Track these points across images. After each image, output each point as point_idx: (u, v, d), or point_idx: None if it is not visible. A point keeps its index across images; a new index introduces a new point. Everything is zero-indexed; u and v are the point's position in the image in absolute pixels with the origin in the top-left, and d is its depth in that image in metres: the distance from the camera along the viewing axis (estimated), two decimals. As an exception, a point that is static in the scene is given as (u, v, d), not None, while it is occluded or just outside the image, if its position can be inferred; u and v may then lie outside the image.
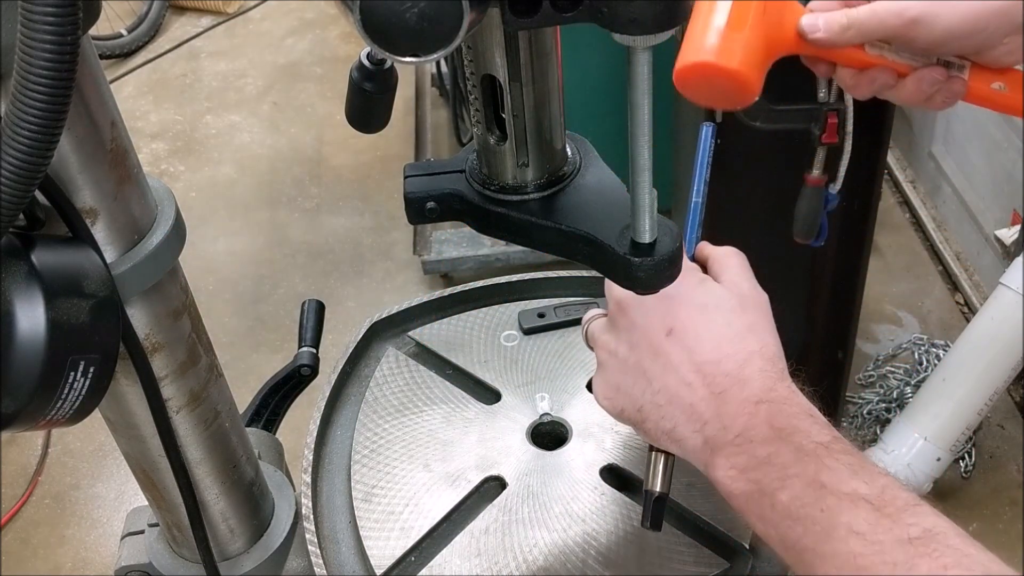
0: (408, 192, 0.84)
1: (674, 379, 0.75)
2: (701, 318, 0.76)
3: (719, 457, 0.71)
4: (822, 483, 0.64)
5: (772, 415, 0.70)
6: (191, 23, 4.65)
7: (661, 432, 0.76)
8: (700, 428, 0.73)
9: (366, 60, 0.83)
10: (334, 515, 0.92)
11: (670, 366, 0.75)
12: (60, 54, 0.52)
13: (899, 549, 0.60)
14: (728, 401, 0.72)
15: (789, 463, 0.67)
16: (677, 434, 0.74)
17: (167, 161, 3.76)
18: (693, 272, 0.80)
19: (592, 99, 2.57)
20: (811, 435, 0.68)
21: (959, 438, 2.11)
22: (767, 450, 0.68)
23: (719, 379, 0.73)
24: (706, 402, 0.73)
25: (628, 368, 0.78)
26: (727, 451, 0.70)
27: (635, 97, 0.66)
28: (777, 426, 0.69)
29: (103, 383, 0.65)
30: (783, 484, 0.66)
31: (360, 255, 3.23)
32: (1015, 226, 2.51)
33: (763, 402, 0.71)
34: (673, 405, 0.75)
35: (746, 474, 0.69)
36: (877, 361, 2.64)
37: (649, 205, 0.71)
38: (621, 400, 0.78)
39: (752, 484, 0.68)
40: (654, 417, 0.76)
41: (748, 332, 0.76)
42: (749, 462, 0.69)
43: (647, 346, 0.76)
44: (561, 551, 0.85)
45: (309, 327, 1.21)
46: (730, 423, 0.71)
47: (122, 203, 0.69)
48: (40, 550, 2.46)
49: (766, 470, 0.67)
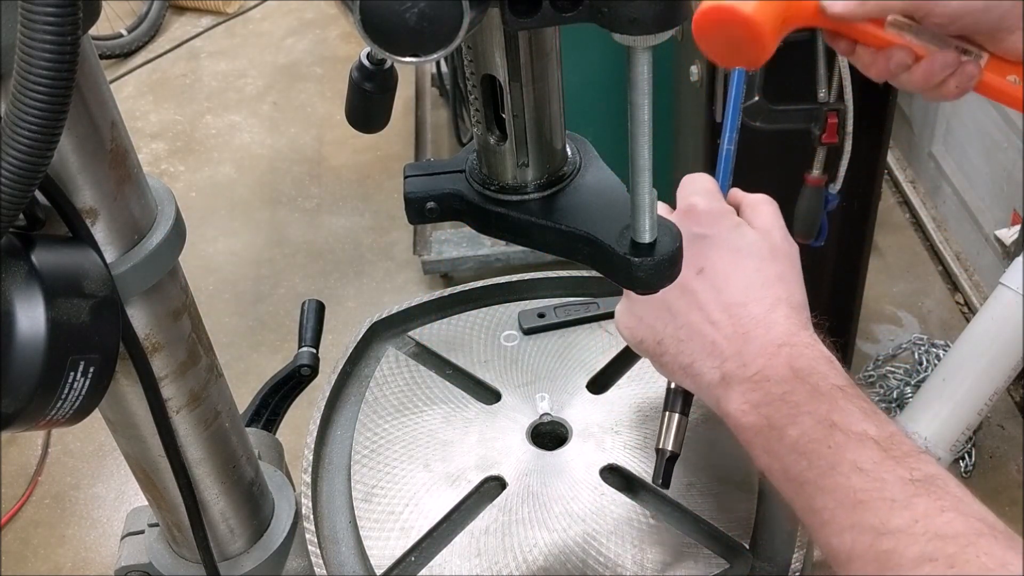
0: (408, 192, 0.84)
1: (699, 316, 0.77)
2: (733, 261, 0.78)
3: (734, 392, 0.73)
4: (833, 422, 0.66)
5: (793, 357, 0.72)
6: (191, 23, 4.65)
7: (678, 366, 0.78)
8: (719, 364, 0.75)
9: (366, 60, 0.83)
10: (334, 515, 0.92)
11: (696, 303, 0.77)
12: (60, 54, 0.52)
13: (899, 487, 0.62)
14: (751, 341, 0.74)
15: (803, 401, 0.69)
16: (694, 369, 0.76)
17: (167, 161, 3.76)
18: (728, 215, 0.82)
19: (592, 99, 2.57)
20: (828, 377, 0.70)
21: (959, 438, 2.11)
22: (783, 388, 0.70)
23: (745, 320, 0.75)
24: (729, 340, 0.75)
25: (654, 301, 0.79)
26: (743, 387, 0.72)
27: (635, 97, 0.66)
28: (796, 367, 0.71)
29: (103, 383, 0.65)
30: (794, 420, 0.68)
31: (360, 255, 3.23)
32: (1015, 226, 2.51)
33: (785, 345, 0.73)
34: (694, 341, 0.77)
35: (758, 409, 0.71)
36: (877, 361, 2.64)
37: (649, 205, 0.71)
38: (642, 331, 0.80)
39: (762, 418, 0.70)
40: (673, 351, 0.78)
41: (777, 280, 0.77)
42: (763, 398, 0.71)
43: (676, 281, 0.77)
44: (561, 551, 0.85)
45: (309, 327, 1.21)
46: (750, 361, 0.73)
47: (122, 203, 0.69)
48: (40, 550, 2.46)
49: (778, 406, 0.70)
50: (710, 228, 0.80)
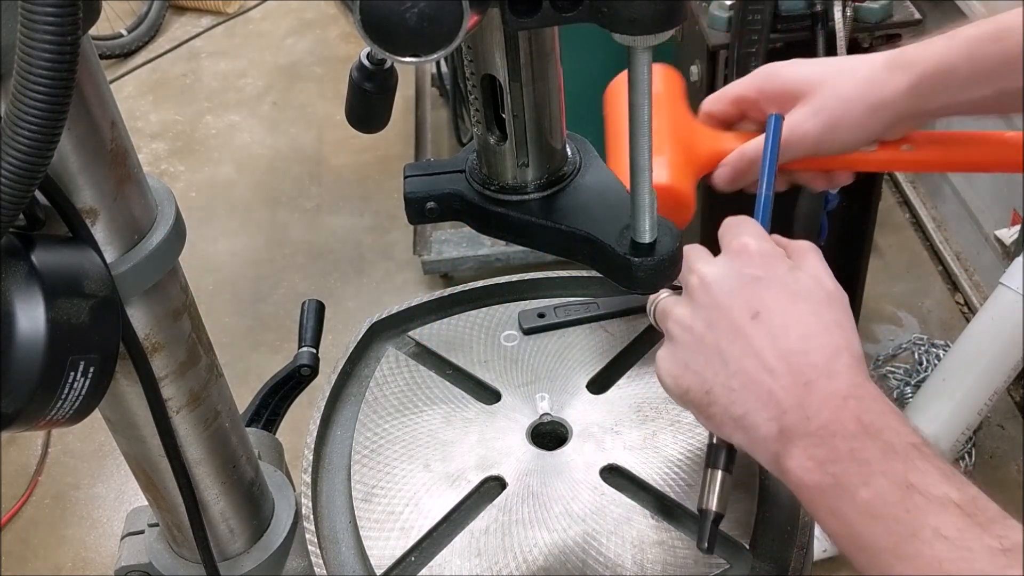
0: (408, 192, 0.84)
1: (754, 364, 0.71)
2: (790, 305, 0.73)
3: (795, 447, 0.67)
4: (910, 483, 0.61)
5: (861, 411, 0.67)
6: (191, 23, 4.65)
7: (728, 418, 0.72)
8: (777, 416, 0.69)
9: (366, 60, 0.83)
10: (334, 515, 0.92)
11: (751, 350, 0.72)
12: (60, 54, 0.52)
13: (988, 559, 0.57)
14: (813, 392, 0.69)
15: (875, 459, 0.64)
16: (748, 421, 0.71)
17: (167, 161, 3.76)
18: (782, 258, 0.77)
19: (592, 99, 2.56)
20: (901, 434, 0.65)
21: (959, 438, 2.11)
22: (851, 444, 0.65)
23: (805, 369, 0.70)
24: (787, 391, 0.69)
25: (703, 347, 0.74)
26: (806, 442, 0.67)
27: (635, 97, 0.66)
28: (865, 422, 0.66)
29: (103, 383, 0.65)
30: (866, 480, 0.63)
31: (360, 255, 3.23)
32: (1015, 226, 2.51)
33: (851, 397, 0.68)
34: (748, 390, 0.71)
35: (824, 467, 0.65)
36: (877, 361, 2.64)
37: (649, 205, 0.71)
38: (689, 379, 0.75)
39: (829, 477, 0.65)
40: (724, 401, 0.72)
41: (836, 326, 0.73)
42: (830, 455, 0.65)
43: (728, 326, 0.73)
44: (561, 551, 0.85)
45: (309, 327, 1.21)
46: (814, 414, 0.68)
47: (122, 203, 0.69)
48: (40, 550, 2.46)
49: (847, 465, 0.64)
50: (764, 270, 0.75)
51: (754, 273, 0.75)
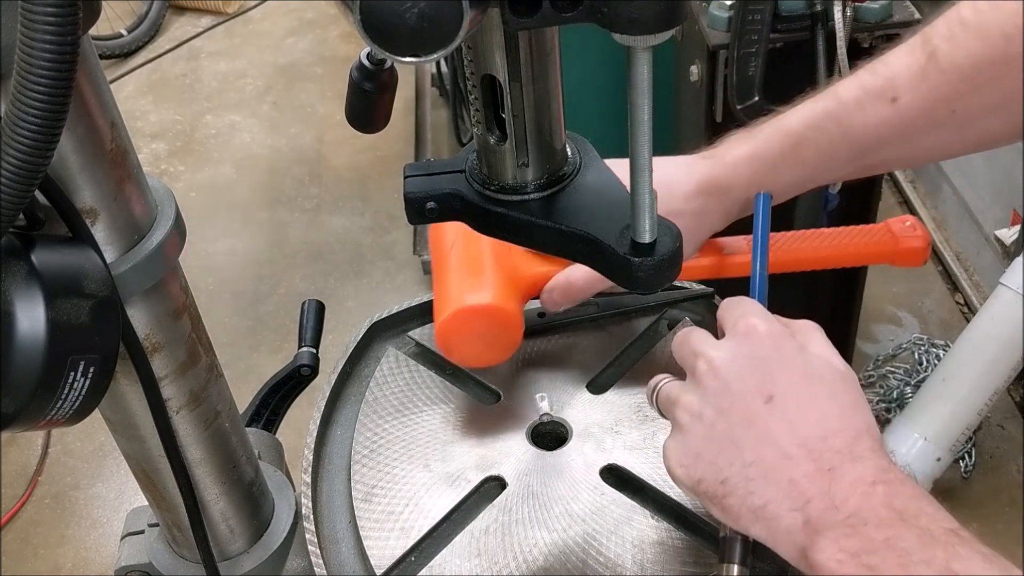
0: (408, 192, 0.84)
1: (772, 451, 0.68)
2: (806, 387, 0.70)
3: (824, 539, 0.63)
4: (954, 571, 0.59)
5: (891, 496, 0.64)
6: (191, 23, 4.65)
7: (747, 509, 0.68)
8: (802, 506, 0.66)
9: (366, 60, 0.83)
10: (334, 515, 0.92)
11: (768, 437, 0.68)
12: (60, 54, 0.52)
13: None
14: (839, 479, 0.65)
15: (913, 548, 0.60)
16: (768, 512, 0.67)
17: (167, 161, 3.76)
18: (790, 339, 0.73)
19: (592, 99, 2.57)
20: (937, 520, 0.62)
21: (959, 438, 2.11)
22: (886, 533, 0.62)
23: (827, 455, 0.67)
24: (810, 479, 0.66)
25: (715, 435, 0.70)
26: (836, 532, 0.63)
27: (635, 97, 0.66)
28: (898, 508, 0.63)
29: (103, 383, 0.65)
30: (906, 570, 0.60)
31: (360, 255, 3.23)
32: (1015, 226, 2.51)
33: (879, 483, 0.65)
34: (768, 480, 0.67)
35: (859, 558, 0.61)
36: (877, 361, 2.64)
37: (649, 205, 0.71)
38: (701, 469, 0.71)
39: (865, 569, 0.61)
40: (741, 492, 0.68)
41: (853, 408, 0.70)
42: (864, 545, 0.62)
43: (741, 412, 0.70)
44: (561, 551, 0.85)
45: (309, 327, 1.21)
46: (841, 502, 0.64)
47: (122, 203, 0.69)
48: (40, 550, 2.46)
49: (885, 554, 0.61)
50: (775, 352, 0.71)
51: (765, 355, 0.71)
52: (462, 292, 0.91)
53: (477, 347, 0.91)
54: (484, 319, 0.90)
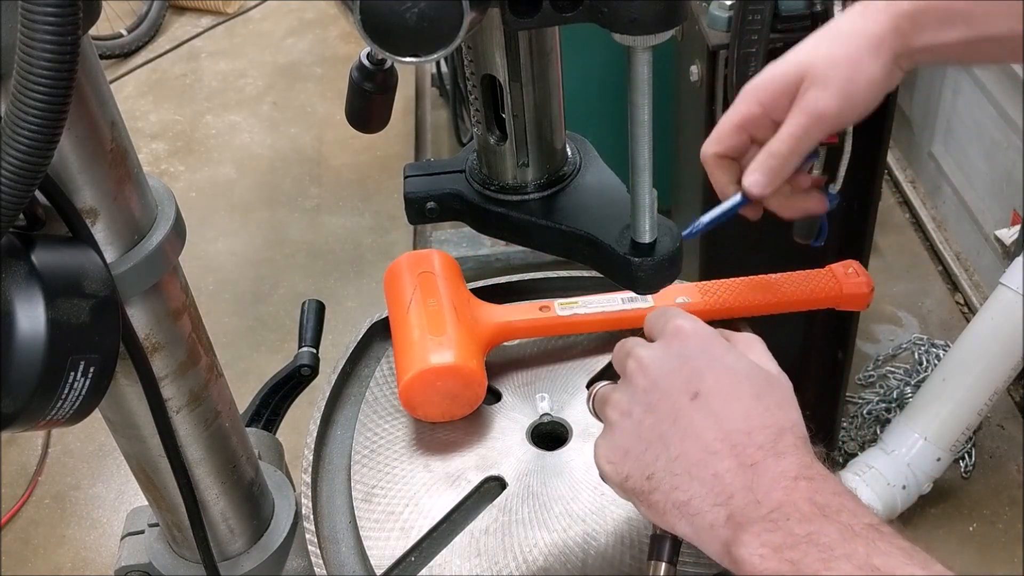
0: (408, 192, 0.84)
1: (696, 446, 0.68)
2: (731, 385, 0.70)
3: (746, 534, 0.64)
4: (875, 566, 0.59)
5: (813, 491, 0.64)
6: (191, 23, 4.65)
7: (671, 505, 0.68)
8: (724, 501, 0.66)
9: (366, 60, 0.83)
10: (334, 515, 0.92)
11: (692, 432, 0.69)
12: (60, 54, 0.52)
13: None
14: (761, 474, 0.66)
15: (835, 543, 0.61)
16: (692, 507, 0.67)
17: (167, 161, 3.76)
18: (719, 340, 0.74)
19: (592, 99, 2.57)
20: (858, 515, 0.63)
21: (959, 438, 2.11)
22: (808, 528, 0.62)
23: (750, 450, 0.67)
24: (733, 473, 0.66)
25: (642, 431, 0.71)
26: (758, 527, 0.64)
27: (635, 97, 0.66)
28: (820, 503, 0.63)
29: (103, 383, 0.65)
30: (828, 565, 0.60)
31: (360, 255, 3.23)
32: (1015, 226, 2.51)
33: (801, 478, 0.65)
34: (692, 475, 0.68)
35: (781, 553, 0.62)
36: (877, 361, 2.64)
37: (649, 205, 0.71)
38: (628, 465, 0.71)
39: (787, 564, 0.61)
40: (666, 487, 0.69)
41: (778, 407, 0.70)
42: (786, 540, 0.62)
43: (667, 409, 0.70)
44: (561, 551, 0.85)
45: (309, 327, 1.21)
46: (763, 497, 0.65)
47: (122, 203, 0.69)
48: (40, 550, 2.46)
49: (806, 549, 0.61)
50: (702, 351, 0.72)
51: (692, 354, 0.72)
52: (425, 352, 0.91)
53: (441, 405, 0.93)
54: (447, 378, 0.91)
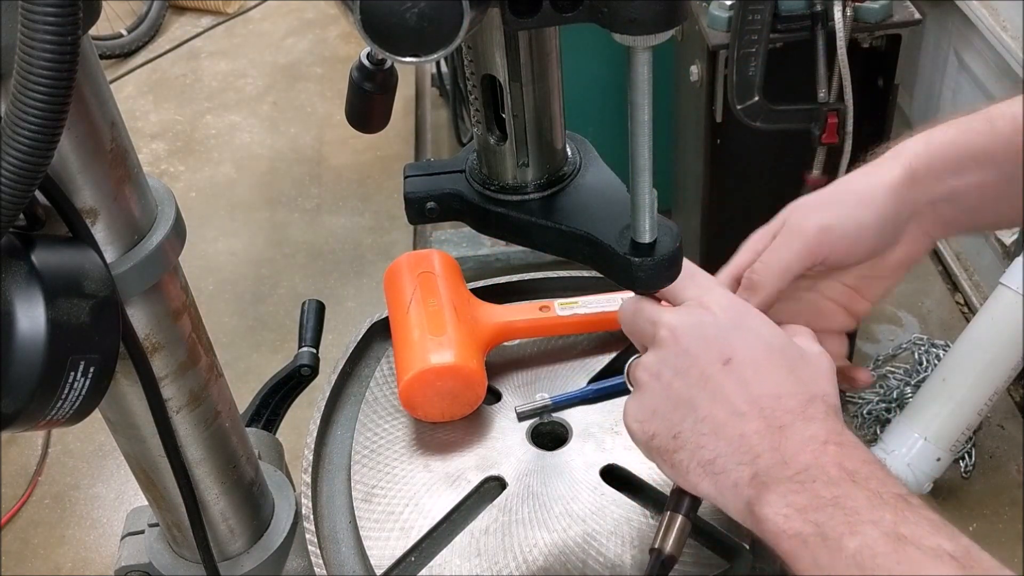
0: (408, 192, 0.84)
1: (724, 409, 0.68)
2: (764, 355, 0.70)
3: (771, 493, 0.63)
4: (901, 534, 0.58)
5: (843, 457, 0.64)
6: (191, 23, 4.65)
7: (696, 464, 0.68)
8: (750, 460, 0.66)
9: (366, 60, 0.83)
10: (334, 515, 0.92)
11: (721, 395, 0.69)
12: (60, 54, 0.52)
13: None
14: (789, 436, 0.66)
15: (862, 508, 0.60)
16: (717, 466, 0.67)
17: (167, 161, 3.76)
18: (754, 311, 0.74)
19: (592, 99, 2.57)
20: (887, 484, 0.62)
21: (959, 438, 2.11)
22: (834, 492, 0.62)
23: (779, 413, 0.67)
24: (761, 435, 0.66)
25: (671, 392, 0.71)
26: (784, 488, 0.63)
27: (635, 97, 0.66)
28: (848, 468, 0.63)
29: (103, 383, 0.65)
30: (853, 530, 0.59)
31: (360, 255, 3.23)
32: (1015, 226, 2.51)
33: (831, 443, 0.65)
34: (718, 435, 0.68)
35: (805, 514, 0.62)
36: (877, 361, 2.64)
37: (649, 205, 0.71)
38: (655, 425, 0.71)
39: (811, 525, 0.61)
40: (691, 446, 0.69)
41: (812, 380, 0.70)
42: (811, 502, 0.62)
43: (698, 374, 0.70)
44: (561, 551, 0.85)
45: (309, 327, 1.21)
46: (791, 459, 0.64)
47: (122, 203, 0.69)
48: (40, 550, 2.46)
49: (832, 512, 0.61)
50: (737, 322, 0.72)
51: (727, 324, 0.72)
52: (425, 352, 0.91)
53: (441, 405, 0.93)
54: (447, 378, 0.91)
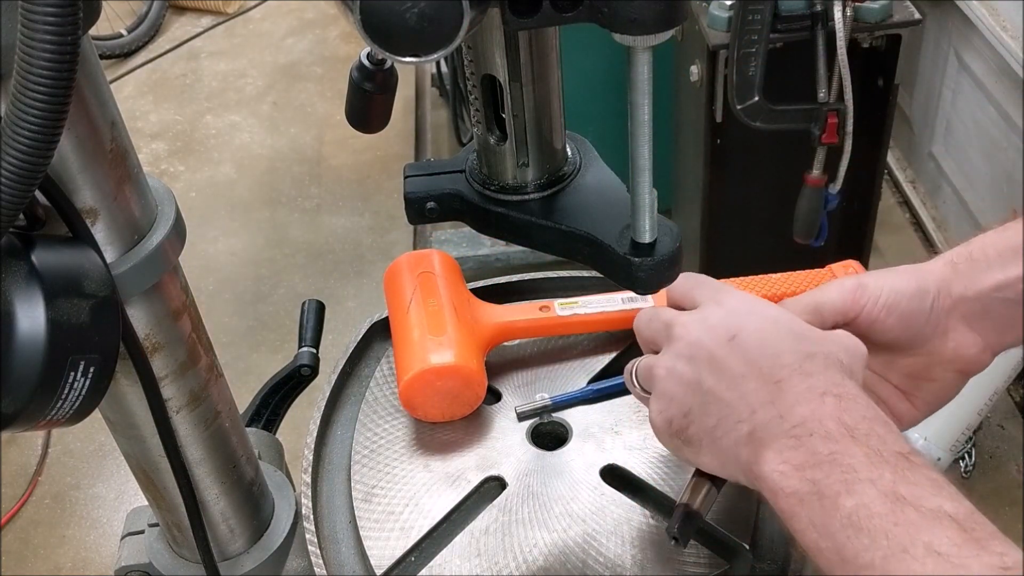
0: (408, 192, 0.84)
1: (726, 377, 0.68)
2: (772, 327, 0.70)
3: (768, 450, 0.62)
4: (900, 494, 0.56)
5: (842, 410, 0.62)
6: (191, 23, 4.65)
7: (704, 433, 0.68)
8: (747, 417, 0.65)
9: (366, 60, 0.83)
10: (334, 515, 0.92)
11: (724, 367, 0.68)
12: (60, 54, 0.52)
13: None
14: (786, 390, 0.64)
15: (860, 465, 0.58)
16: (718, 431, 0.67)
17: (167, 161, 3.76)
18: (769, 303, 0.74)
19: (592, 99, 2.57)
20: (887, 441, 0.60)
21: (959, 438, 2.11)
22: (831, 447, 0.60)
23: (776, 370, 0.66)
24: (758, 392, 0.65)
25: (683, 378, 0.71)
26: (780, 444, 0.62)
27: (635, 97, 0.66)
28: (848, 423, 0.61)
29: (103, 383, 0.65)
30: (849, 488, 0.58)
31: (360, 255, 3.24)
32: (1015, 226, 2.50)
33: (829, 395, 0.63)
34: (720, 400, 0.67)
35: (802, 472, 0.60)
36: (877, 361, 2.63)
37: (649, 205, 0.71)
38: (672, 410, 0.72)
39: (808, 483, 0.60)
40: (698, 416, 0.69)
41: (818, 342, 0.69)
42: (808, 458, 0.60)
43: (706, 355, 0.70)
44: (561, 551, 0.85)
45: (309, 327, 1.21)
46: (787, 412, 0.63)
47: (122, 203, 0.69)
48: (40, 550, 2.46)
49: (829, 469, 0.59)
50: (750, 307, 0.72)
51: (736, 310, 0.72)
52: (425, 352, 0.91)
53: (441, 405, 0.93)
54: (447, 378, 0.91)
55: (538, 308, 1.01)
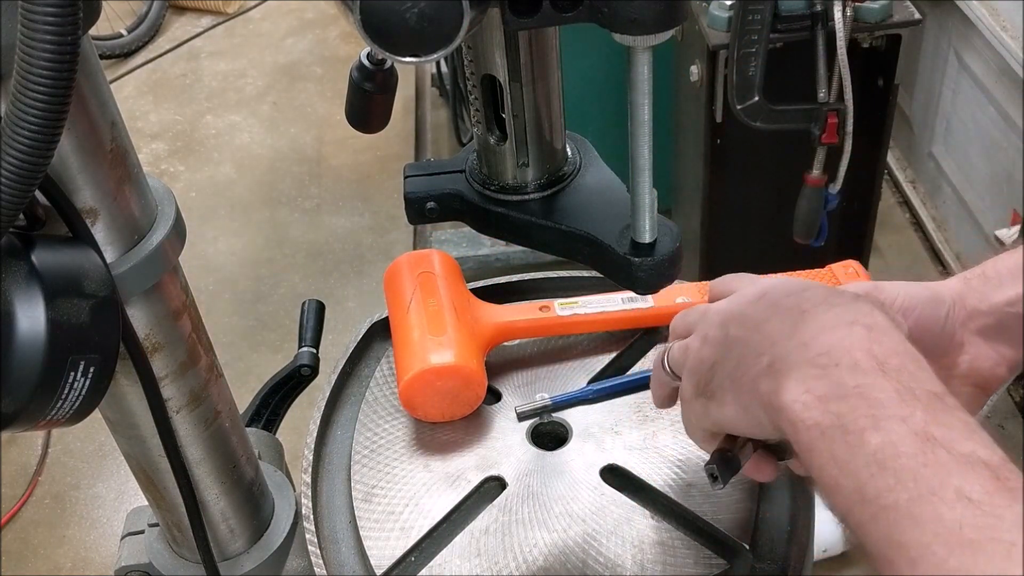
0: (408, 192, 0.84)
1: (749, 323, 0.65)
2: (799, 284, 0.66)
3: (789, 379, 0.58)
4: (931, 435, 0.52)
5: (871, 341, 0.57)
6: (191, 23, 4.65)
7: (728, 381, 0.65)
8: (768, 349, 0.61)
9: (366, 60, 0.83)
10: (334, 515, 0.92)
11: (749, 316, 0.65)
12: (60, 54, 0.52)
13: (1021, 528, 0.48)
14: (809, 320, 0.60)
15: (889, 401, 0.54)
16: (739, 371, 0.63)
17: (167, 161, 3.76)
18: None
19: (592, 99, 2.57)
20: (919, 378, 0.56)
21: (959, 438, 2.10)
22: (859, 379, 0.55)
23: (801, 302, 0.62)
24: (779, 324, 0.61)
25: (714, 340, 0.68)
26: (803, 372, 0.57)
27: (635, 97, 0.66)
28: (877, 355, 0.56)
29: (103, 383, 0.65)
30: (877, 424, 0.53)
31: (360, 255, 3.24)
32: (1015, 226, 2.51)
33: (859, 324, 0.59)
34: (741, 342, 0.64)
35: (826, 404, 0.56)
36: (877, 361, 2.63)
37: (649, 205, 0.71)
38: (700, 370, 0.69)
39: (832, 416, 0.55)
40: (722, 366, 0.66)
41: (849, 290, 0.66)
42: (833, 390, 0.56)
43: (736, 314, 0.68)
44: (561, 551, 0.85)
45: (309, 327, 1.21)
46: (811, 340, 0.59)
47: (122, 203, 0.69)
48: (40, 550, 2.46)
49: (855, 403, 0.55)
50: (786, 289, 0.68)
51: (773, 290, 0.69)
52: (425, 352, 0.91)
53: (441, 405, 0.93)
54: (448, 378, 0.91)
55: (538, 308, 1.01)
